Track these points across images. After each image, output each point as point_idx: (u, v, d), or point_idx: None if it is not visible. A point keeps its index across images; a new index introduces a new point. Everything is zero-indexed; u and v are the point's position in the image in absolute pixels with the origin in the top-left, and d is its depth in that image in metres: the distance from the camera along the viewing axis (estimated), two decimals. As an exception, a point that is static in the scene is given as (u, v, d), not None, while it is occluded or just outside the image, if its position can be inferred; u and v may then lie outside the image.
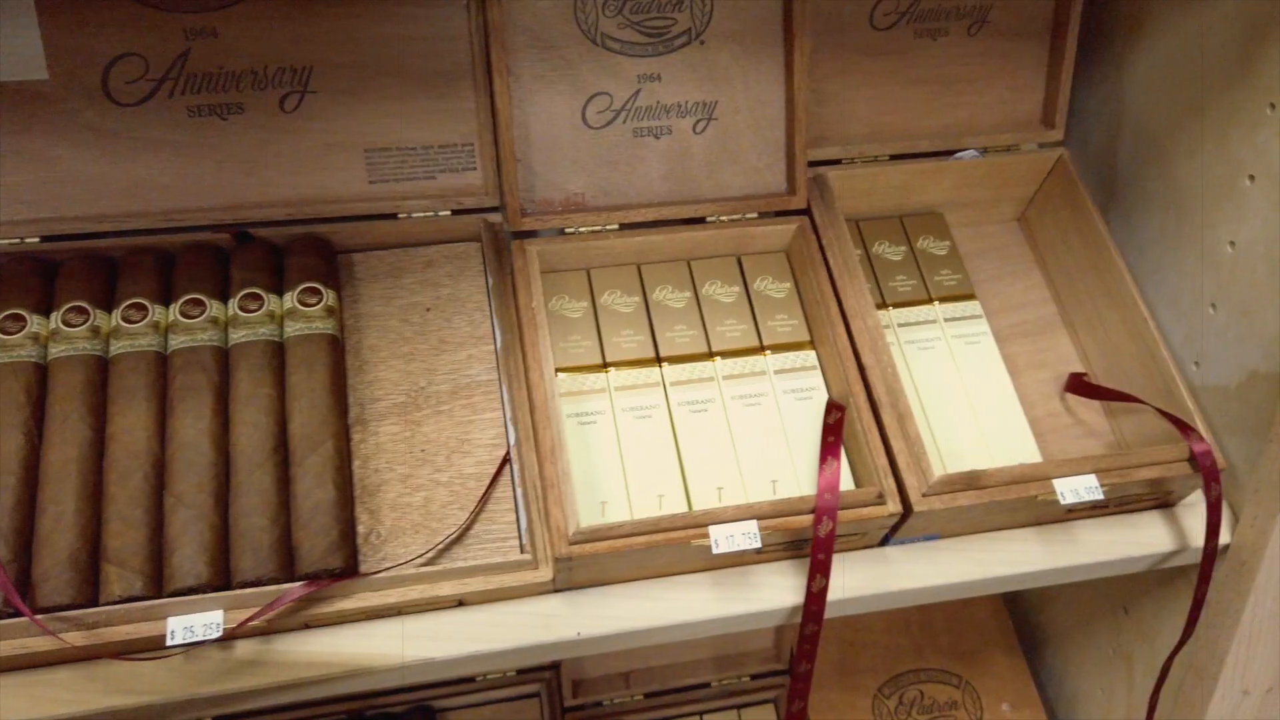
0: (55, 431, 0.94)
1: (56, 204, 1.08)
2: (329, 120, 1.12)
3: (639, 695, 1.50)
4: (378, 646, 0.94)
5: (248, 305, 1.03)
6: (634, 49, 1.10)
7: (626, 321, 1.08)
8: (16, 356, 0.97)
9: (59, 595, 0.87)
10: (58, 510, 0.90)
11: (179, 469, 0.93)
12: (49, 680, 0.89)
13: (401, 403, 1.05)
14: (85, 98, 1.07)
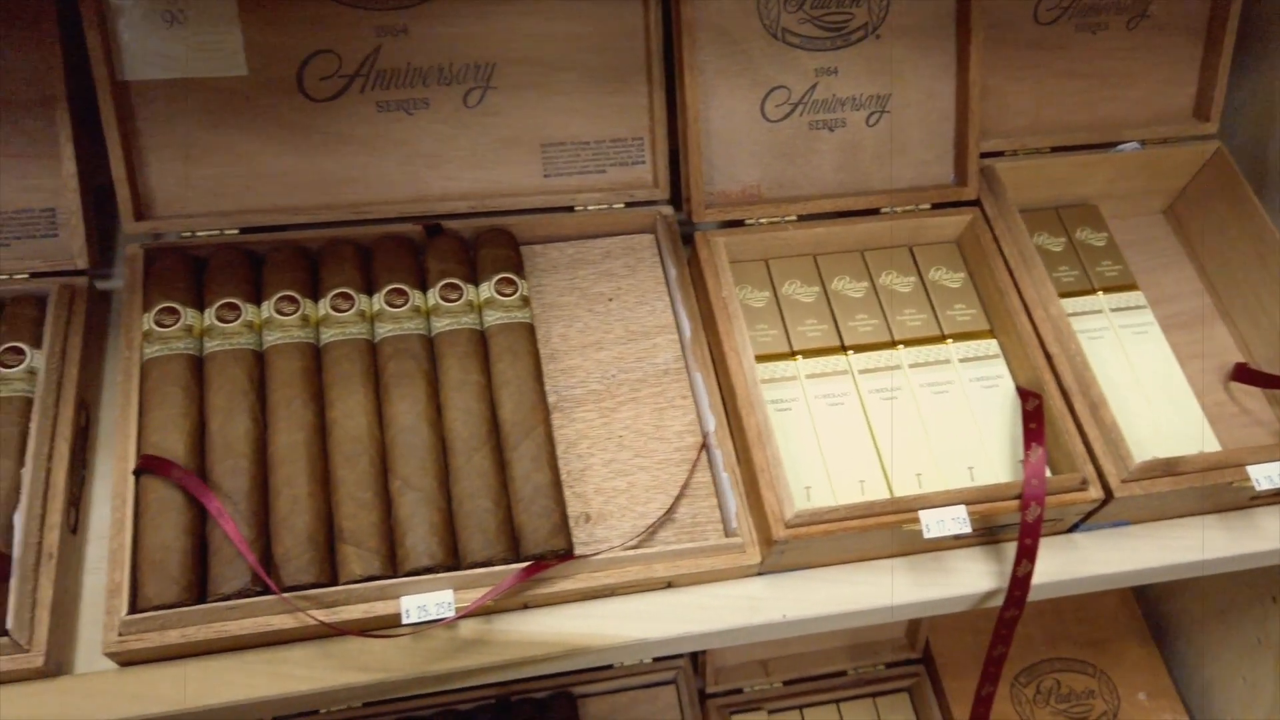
0: (280, 416, 0.96)
1: (251, 197, 1.11)
2: (508, 116, 1.15)
3: (778, 683, 1.52)
4: (593, 626, 0.96)
5: (448, 295, 1.06)
6: (812, 43, 1.12)
7: (809, 311, 1.10)
8: (236, 344, 1.00)
9: (303, 574, 0.89)
10: (292, 492, 0.92)
11: (401, 453, 0.96)
12: (286, 657, 0.92)
13: (595, 390, 1.07)
14: (281, 93, 1.10)
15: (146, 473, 0.92)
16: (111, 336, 1.09)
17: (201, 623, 0.88)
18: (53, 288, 1.03)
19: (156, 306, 1.01)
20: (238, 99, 1.09)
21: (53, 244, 1.08)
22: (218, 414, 0.96)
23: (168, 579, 0.88)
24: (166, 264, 1.05)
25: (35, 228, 1.07)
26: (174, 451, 0.93)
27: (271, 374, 0.99)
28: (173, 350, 0.99)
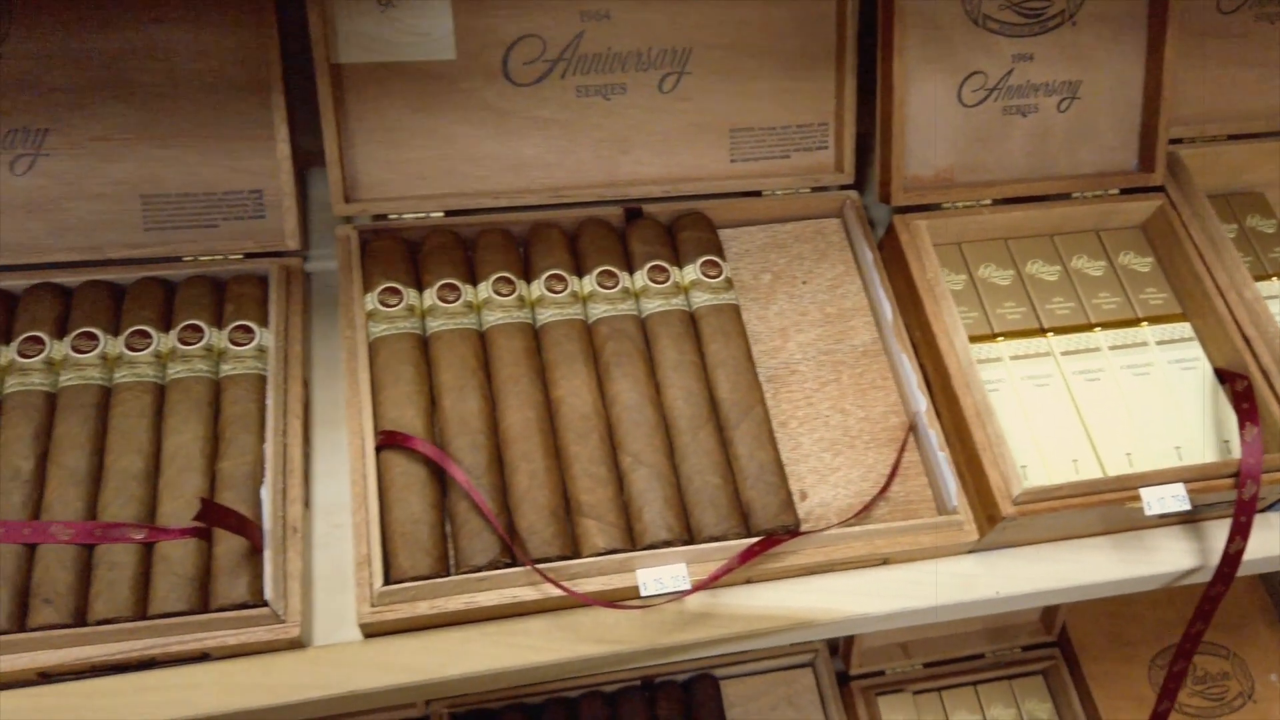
0: (510, 394, 0.98)
1: (453, 180, 1.13)
2: (700, 101, 1.16)
3: (918, 664, 1.54)
4: (815, 601, 0.98)
5: (655, 277, 1.07)
6: (1011, 29, 1.13)
7: (1006, 294, 1.12)
8: (460, 324, 1.02)
9: (547, 548, 0.91)
10: (530, 468, 0.94)
11: (628, 430, 0.98)
12: (525, 629, 0.94)
13: (798, 372, 1.09)
14: (485, 78, 1.11)
15: (389, 448, 0.94)
16: (318, 315, 1.11)
17: (452, 594, 0.90)
18: (273, 268, 1.05)
19: (379, 287, 1.03)
20: (444, 83, 1.11)
21: (260, 225, 1.10)
22: (449, 391, 0.98)
23: (420, 551, 0.90)
24: (383, 245, 1.07)
25: (243, 209, 1.09)
26: (412, 428, 0.95)
27: (496, 353, 1.01)
28: (399, 329, 1.01)
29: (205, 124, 1.07)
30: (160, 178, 1.07)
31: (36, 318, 0.98)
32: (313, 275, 1.13)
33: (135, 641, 0.85)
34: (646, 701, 1.48)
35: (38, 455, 0.91)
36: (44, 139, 1.05)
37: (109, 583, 0.85)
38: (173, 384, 0.96)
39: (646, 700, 1.48)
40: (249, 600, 0.87)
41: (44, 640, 0.83)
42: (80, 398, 0.94)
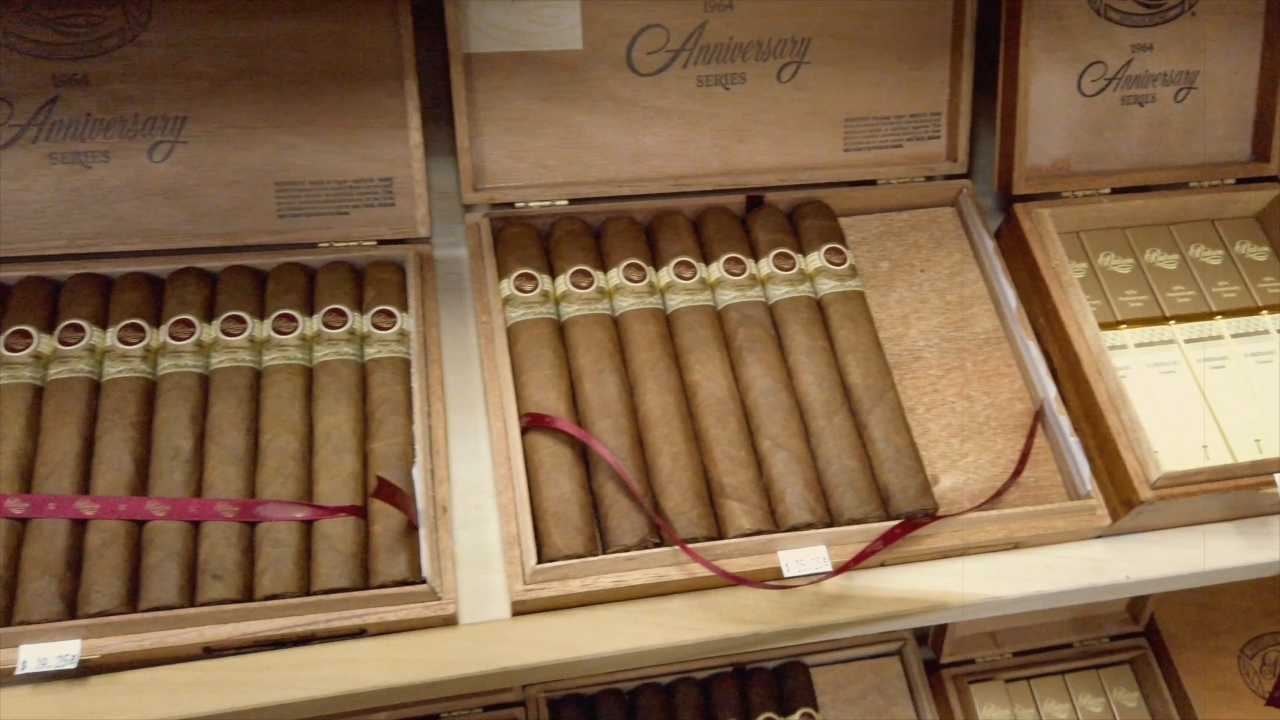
0: (647, 378, 1.00)
1: (576, 169, 1.15)
2: (816, 90, 1.18)
3: (1008, 654, 1.55)
4: (949, 584, 0.99)
5: (781, 264, 1.08)
6: (1132, 19, 1.14)
7: (1127, 282, 1.12)
8: (596, 309, 1.04)
9: (694, 529, 0.93)
10: (672, 450, 0.96)
11: (765, 414, 0.99)
12: (667, 609, 0.95)
13: (922, 359, 1.10)
14: (610, 67, 1.13)
15: (534, 430, 0.96)
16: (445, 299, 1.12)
17: (602, 573, 0.91)
18: (409, 254, 1.07)
19: (514, 273, 1.04)
20: (569, 72, 1.12)
21: (389, 213, 1.11)
22: (589, 375, 0.99)
23: (572, 530, 0.91)
24: (515, 232, 1.08)
25: (373, 197, 1.11)
26: (555, 411, 0.97)
27: (630, 338, 1.02)
28: (537, 315, 1.02)
29: (337, 113, 1.09)
30: (294, 165, 1.09)
31: (185, 301, 1.00)
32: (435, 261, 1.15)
33: (300, 617, 0.87)
34: (738, 687, 1.49)
35: (196, 435, 0.93)
36: (182, 127, 1.06)
37: (274, 559, 0.87)
38: (320, 366, 0.98)
39: (738, 686, 1.49)
40: (408, 578, 0.89)
41: (212, 615, 0.85)
42: (232, 379, 0.96)
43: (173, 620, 0.85)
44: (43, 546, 0.85)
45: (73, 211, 1.05)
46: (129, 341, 0.96)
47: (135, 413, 0.93)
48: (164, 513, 0.88)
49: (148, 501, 0.88)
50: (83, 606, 0.84)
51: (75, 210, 1.05)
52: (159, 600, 0.84)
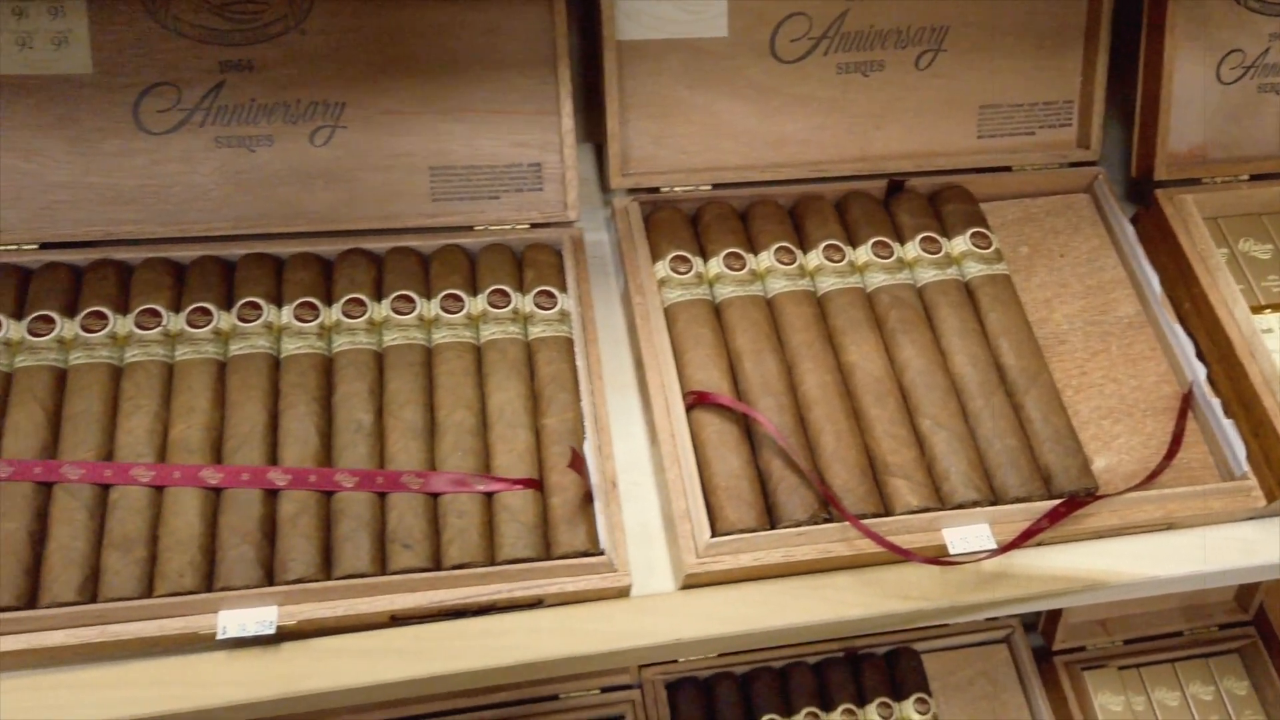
0: (805, 358, 1.01)
1: (715, 155, 1.17)
2: (952, 78, 1.19)
3: (1118, 641, 1.56)
4: (1106, 564, 0.99)
5: (928, 248, 1.10)
6: (1271, 8, 1.15)
7: (1269, 268, 1.13)
8: (750, 291, 1.05)
9: (862, 505, 0.94)
10: (835, 429, 0.97)
11: (923, 394, 1.00)
12: (832, 584, 0.96)
13: (1067, 342, 1.10)
14: (754, 55, 1.14)
15: (699, 407, 0.97)
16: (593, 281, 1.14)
17: (772, 547, 0.93)
18: (565, 237, 1.09)
19: (669, 255, 1.06)
20: (713, 59, 1.14)
21: (538, 197, 1.13)
22: (747, 355, 1.01)
23: (744, 505, 0.93)
24: (666, 216, 1.10)
25: (523, 182, 1.13)
26: (718, 389, 0.98)
27: (785, 320, 1.04)
28: (692, 296, 1.04)
29: (489, 99, 1.11)
30: (447, 151, 1.11)
31: (355, 280, 1.02)
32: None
33: (485, 587, 0.89)
34: (851, 672, 1.50)
35: (375, 410, 0.95)
36: (341, 112, 1.09)
37: (460, 530, 0.89)
38: (488, 344, 1.00)
39: (851, 671, 1.51)
40: (588, 549, 0.91)
41: (403, 584, 0.87)
42: (406, 356, 0.98)
43: (365, 588, 0.87)
44: (239, 515, 0.88)
45: (237, 194, 1.07)
46: (305, 319, 0.99)
47: (315, 387, 0.95)
48: (352, 484, 0.90)
49: (337, 473, 0.90)
50: (280, 574, 0.86)
51: (239, 193, 1.08)
52: (353, 568, 0.87)
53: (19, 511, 0.85)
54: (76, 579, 0.83)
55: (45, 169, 1.03)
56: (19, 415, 0.90)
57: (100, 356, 0.94)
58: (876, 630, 1.15)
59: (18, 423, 0.89)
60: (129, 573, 0.84)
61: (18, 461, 0.87)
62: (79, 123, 1.04)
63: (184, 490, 0.88)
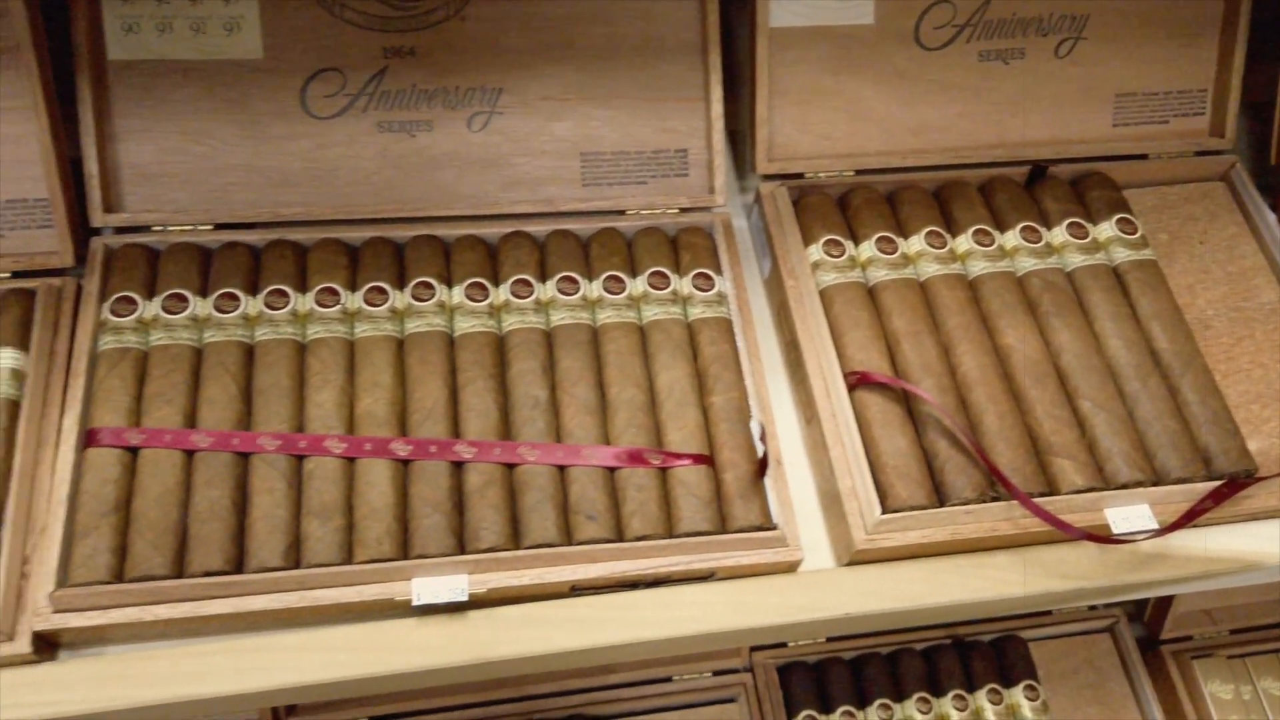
0: (962, 340, 1.03)
1: (857, 141, 1.18)
2: (1090, 66, 1.20)
3: (1224, 631, 1.56)
4: (1264, 545, 1.00)
5: (1075, 234, 1.11)
6: None
7: None
8: (903, 274, 1.07)
9: (1028, 484, 0.96)
10: (998, 409, 0.99)
11: (1079, 377, 1.02)
12: (992, 563, 0.98)
13: (1212, 328, 1.12)
14: (898, 42, 1.16)
15: (862, 387, 0.99)
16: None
17: (940, 525, 0.94)
18: (716, 221, 1.11)
19: (821, 239, 1.08)
20: (858, 47, 1.16)
21: (684, 182, 1.15)
22: (905, 337, 1.03)
23: (914, 483, 0.95)
24: (816, 201, 1.12)
25: (669, 167, 1.15)
26: (879, 370, 1.00)
27: (939, 303, 1.06)
28: (847, 279, 1.06)
29: (639, 86, 1.13)
30: (598, 136, 1.13)
31: (520, 262, 1.04)
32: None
33: (663, 559, 0.91)
34: (960, 659, 1.52)
35: (549, 387, 0.97)
36: (498, 98, 1.11)
37: (640, 503, 0.91)
38: (651, 325, 1.02)
39: (959, 658, 1.52)
40: (762, 524, 0.92)
41: (586, 554, 0.90)
42: (574, 335, 1.00)
43: (551, 558, 0.89)
44: (429, 486, 0.90)
45: (397, 177, 1.10)
46: (475, 299, 1.01)
47: (491, 364, 0.97)
48: (535, 457, 0.92)
49: (520, 446, 0.92)
50: (472, 542, 0.89)
51: (400, 176, 1.10)
52: (542, 538, 0.89)
53: (221, 480, 0.88)
54: (281, 545, 0.86)
55: (217, 152, 1.06)
56: (213, 389, 0.92)
57: (285, 333, 0.97)
58: (1034, 608, 1.16)
59: (213, 396, 0.92)
60: (330, 539, 0.87)
61: (217, 432, 0.90)
62: (249, 107, 1.07)
63: (376, 461, 0.91)
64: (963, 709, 1.46)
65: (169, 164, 1.05)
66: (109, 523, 0.85)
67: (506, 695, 1.46)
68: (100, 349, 0.94)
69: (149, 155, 1.05)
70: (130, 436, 0.89)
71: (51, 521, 0.86)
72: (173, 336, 0.95)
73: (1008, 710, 1.47)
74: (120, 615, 0.83)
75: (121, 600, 0.83)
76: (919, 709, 1.46)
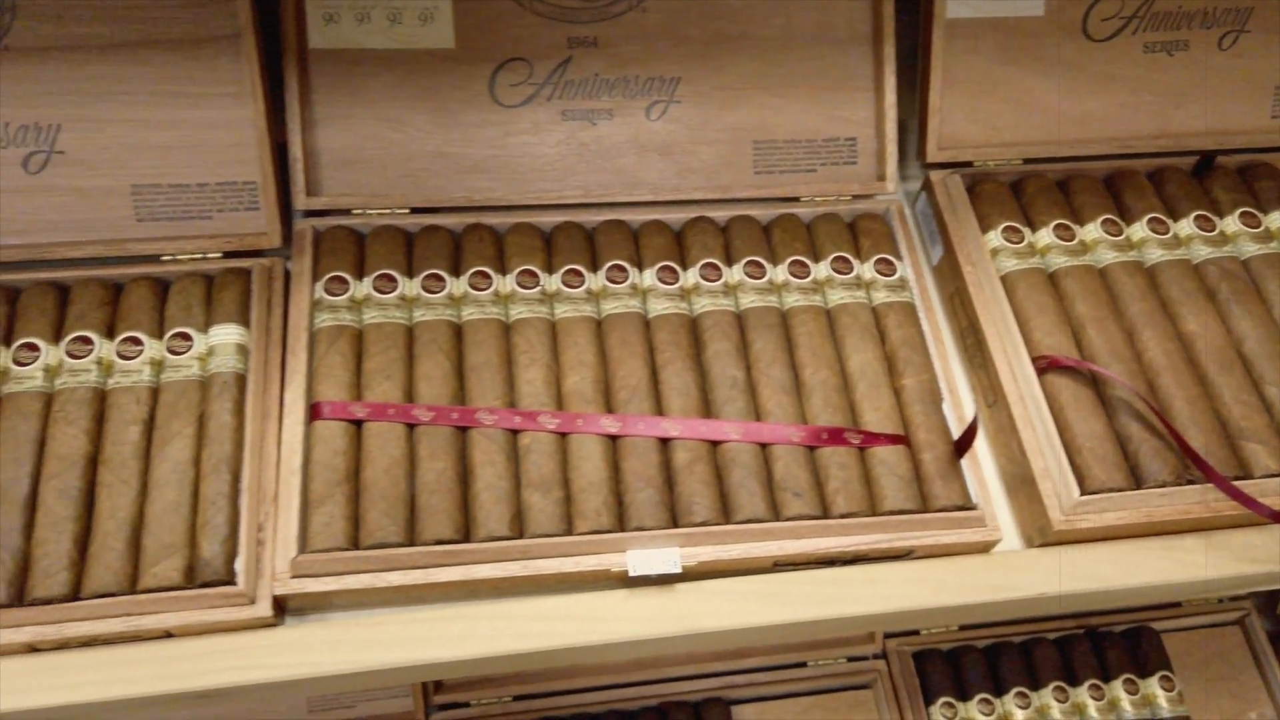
0: (1146, 327, 1.04)
1: (1023, 130, 1.19)
2: (1251, 58, 1.21)
3: (1361, 626, 1.56)
4: None
5: (1248, 223, 1.12)
6: None
7: None
8: (1082, 261, 1.08)
9: (1222, 468, 0.96)
10: (1186, 394, 1.00)
11: (1265, 363, 1.03)
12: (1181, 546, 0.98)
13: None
14: (1066, 33, 1.17)
15: (1051, 371, 1.01)
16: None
17: (1135, 507, 0.95)
18: (893, 207, 1.13)
19: (1000, 225, 1.09)
20: (1027, 38, 1.17)
21: (852, 170, 1.17)
22: (1090, 323, 1.04)
23: (1111, 465, 0.96)
24: (991, 189, 1.14)
25: (838, 156, 1.17)
26: (1067, 354, 1.01)
27: (1121, 289, 1.07)
28: (1028, 265, 1.07)
29: (811, 75, 1.15)
30: (771, 125, 1.15)
31: (706, 247, 1.07)
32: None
33: (865, 536, 0.93)
34: (1094, 649, 1.52)
35: (744, 367, 0.99)
36: (676, 87, 1.14)
37: (844, 481, 0.93)
38: (838, 309, 1.04)
39: (1093, 648, 1.52)
40: (962, 504, 0.94)
41: (792, 530, 0.92)
42: (765, 318, 1.03)
43: (759, 533, 0.91)
44: (639, 461, 0.93)
45: (579, 164, 1.13)
46: (667, 282, 1.04)
47: (687, 345, 1.00)
48: (738, 435, 0.94)
49: (725, 424, 0.95)
50: (685, 516, 0.91)
51: (581, 163, 1.13)
52: (751, 513, 0.91)
53: (444, 453, 0.91)
54: (506, 515, 0.89)
55: (410, 138, 1.10)
56: (428, 365, 0.95)
57: (490, 313, 1.00)
58: (1223, 591, 1.17)
59: (429, 372, 0.95)
60: (551, 511, 0.90)
61: (436, 407, 0.93)
62: (440, 95, 1.10)
63: (588, 437, 0.93)
64: (1099, 698, 1.47)
65: (365, 149, 1.09)
66: (341, 492, 0.88)
67: (642, 677, 1.48)
68: (317, 326, 0.97)
69: (346, 141, 1.08)
70: (355, 410, 0.92)
71: (284, 491, 0.89)
72: (386, 315, 0.98)
73: (1144, 700, 1.47)
74: (354, 581, 0.87)
75: (357, 567, 0.87)
76: (1055, 698, 1.47)
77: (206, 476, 0.88)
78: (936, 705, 1.47)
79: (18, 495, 0.85)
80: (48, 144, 1.00)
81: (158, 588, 0.83)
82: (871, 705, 1.50)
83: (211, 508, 0.86)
